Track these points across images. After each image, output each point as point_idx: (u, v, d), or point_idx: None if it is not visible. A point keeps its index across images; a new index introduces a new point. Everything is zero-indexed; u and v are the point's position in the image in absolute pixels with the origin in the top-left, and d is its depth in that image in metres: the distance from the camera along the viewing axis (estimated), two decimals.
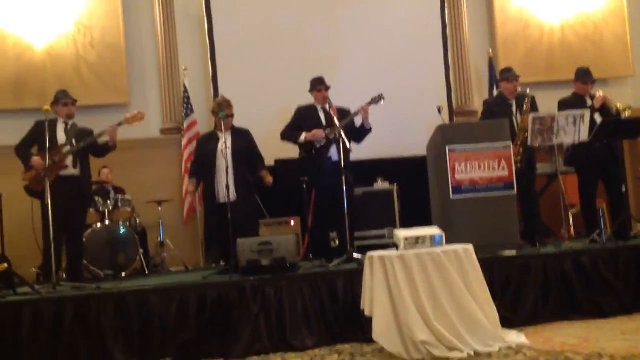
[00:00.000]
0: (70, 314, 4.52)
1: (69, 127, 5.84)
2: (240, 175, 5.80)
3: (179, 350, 4.53)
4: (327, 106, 5.99)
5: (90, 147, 5.81)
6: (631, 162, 7.98)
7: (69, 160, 5.68)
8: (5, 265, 5.18)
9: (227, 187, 5.48)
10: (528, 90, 6.07)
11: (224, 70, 7.81)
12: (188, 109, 7.62)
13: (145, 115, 5.98)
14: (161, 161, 7.59)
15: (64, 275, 5.71)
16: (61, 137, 5.75)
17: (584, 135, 5.80)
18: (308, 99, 6.24)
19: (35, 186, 5.55)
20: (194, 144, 7.05)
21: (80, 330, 4.51)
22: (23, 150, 5.77)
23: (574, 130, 5.77)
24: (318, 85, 6.16)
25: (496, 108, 6.24)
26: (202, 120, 7.49)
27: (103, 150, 5.90)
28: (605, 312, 4.88)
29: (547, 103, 6.34)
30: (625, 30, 8.25)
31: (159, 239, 6.91)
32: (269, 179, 6.04)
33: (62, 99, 5.88)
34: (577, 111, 5.84)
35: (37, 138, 5.60)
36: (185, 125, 7.58)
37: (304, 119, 6.17)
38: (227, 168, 5.48)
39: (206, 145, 6.06)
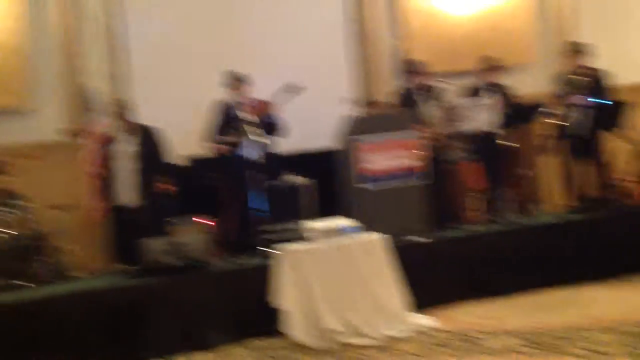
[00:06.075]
0: None
1: None
2: (144, 176, 5.66)
3: (83, 357, 4.39)
4: (245, 102, 5.97)
5: None
6: (527, 145, 8.26)
7: None
8: None
9: (135, 188, 5.39)
10: (440, 82, 6.25)
11: (131, 70, 7.62)
12: (89, 109, 7.40)
13: (46, 118, 5.72)
14: (62, 164, 7.31)
15: None
16: None
17: (486, 122, 5.99)
18: (223, 94, 6.19)
19: None
20: (98, 146, 6.87)
21: None
22: None
23: (477, 117, 5.95)
24: (234, 80, 6.13)
25: (404, 99, 6.36)
26: (105, 121, 7.23)
27: None
28: (506, 290, 5.06)
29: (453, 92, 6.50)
30: (528, 20, 8.51)
31: (59, 245, 6.66)
32: (165, 187, 5.95)
33: None
34: (479, 99, 6.04)
35: None
36: (86, 126, 7.36)
37: (222, 115, 6.12)
38: (132, 169, 5.38)
39: (106, 148, 6.00)
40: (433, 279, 5.04)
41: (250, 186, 5.58)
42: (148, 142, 5.93)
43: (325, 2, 8.07)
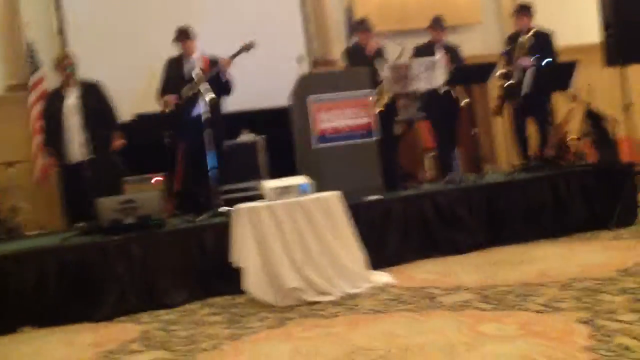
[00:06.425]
0: None
1: None
2: (92, 132, 5.49)
3: (39, 317, 4.32)
4: (195, 58, 5.83)
5: None
6: (481, 106, 8.42)
7: None
8: None
9: (83, 144, 5.23)
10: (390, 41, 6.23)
11: (73, 22, 7.33)
12: (33, 65, 7.14)
13: None
14: (8, 120, 7.07)
15: None
16: None
17: (438, 81, 6.03)
18: (172, 51, 6.01)
19: None
20: (44, 102, 6.64)
21: None
22: None
23: (428, 76, 5.97)
24: (181, 35, 5.96)
25: (355, 57, 6.33)
26: (50, 76, 6.99)
27: None
28: (460, 248, 5.19)
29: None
30: None
31: (12, 203, 6.48)
32: (118, 143, 5.83)
33: None
34: (430, 58, 6.05)
35: None
36: (32, 82, 7.10)
37: (169, 71, 5.98)
38: (79, 125, 5.21)
39: (51, 105, 5.80)
40: (389, 237, 5.12)
41: (203, 143, 5.49)
42: (94, 98, 5.77)
43: None
